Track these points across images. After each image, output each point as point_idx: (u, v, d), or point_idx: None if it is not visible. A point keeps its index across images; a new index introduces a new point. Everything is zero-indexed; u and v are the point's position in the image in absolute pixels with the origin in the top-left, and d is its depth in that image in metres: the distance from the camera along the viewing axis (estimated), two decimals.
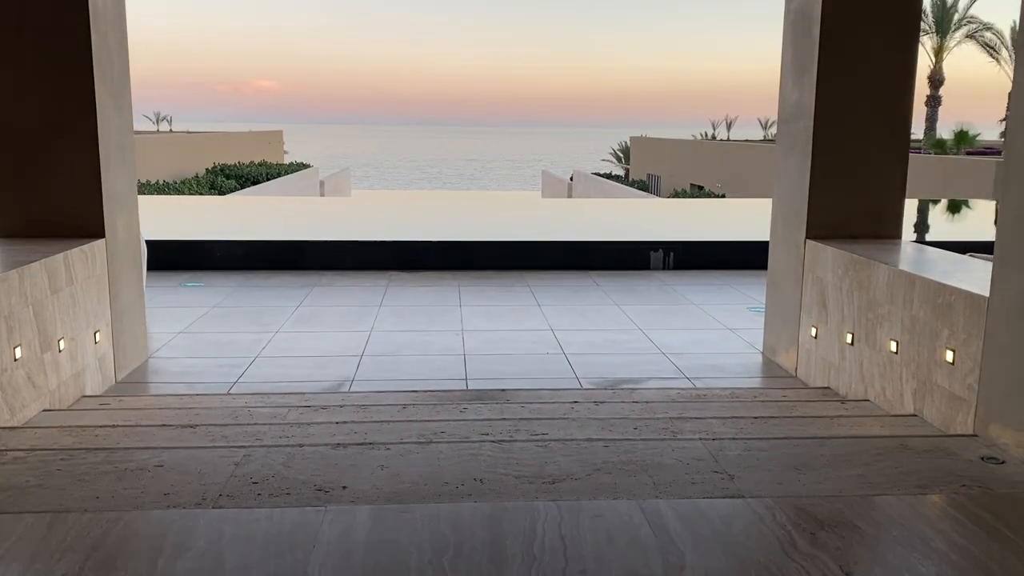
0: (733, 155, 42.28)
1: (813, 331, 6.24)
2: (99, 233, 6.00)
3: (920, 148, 33.61)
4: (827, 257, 6.02)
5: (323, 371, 6.56)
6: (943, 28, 32.95)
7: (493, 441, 4.12)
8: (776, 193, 6.99)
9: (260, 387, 6.14)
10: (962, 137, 32.22)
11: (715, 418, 4.75)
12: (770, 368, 6.86)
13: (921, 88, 33.26)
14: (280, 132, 64.06)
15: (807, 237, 6.36)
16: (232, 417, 4.88)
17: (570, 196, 53.73)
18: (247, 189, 38.16)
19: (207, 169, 43.18)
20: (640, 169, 52.71)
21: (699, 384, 6.34)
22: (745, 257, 11.41)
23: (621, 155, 63.30)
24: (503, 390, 5.75)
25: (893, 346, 5.11)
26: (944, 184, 25.05)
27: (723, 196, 36.57)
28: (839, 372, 5.85)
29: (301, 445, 4.08)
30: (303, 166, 54.66)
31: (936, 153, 30.40)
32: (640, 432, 4.42)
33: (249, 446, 4.08)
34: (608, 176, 52.66)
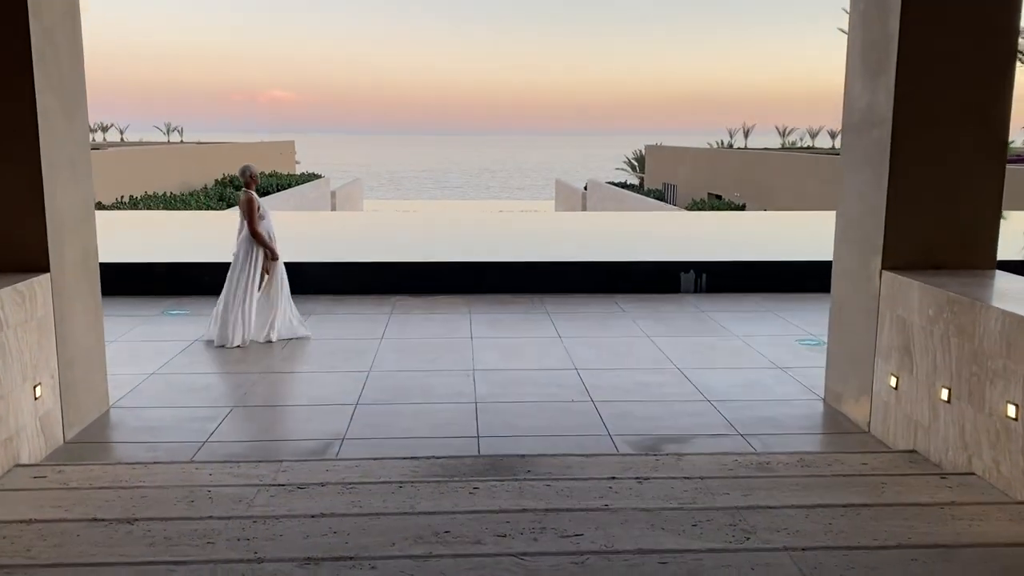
0: (752, 164, 41.14)
1: (892, 380, 5.21)
2: (42, 266, 5.05)
3: None
4: (912, 294, 4.99)
5: (309, 426, 5.58)
6: None
7: (512, 554, 3.13)
8: (841, 213, 5.97)
9: (232, 448, 5.16)
10: None
11: (794, 507, 3.74)
12: (835, 420, 5.83)
13: None
14: (292, 142, 63.38)
15: (883, 267, 5.34)
16: (186, 503, 3.90)
17: (584, 206, 52.70)
18: None
19: (216, 180, 42.41)
20: (655, 178, 51.63)
21: (755, 443, 5.32)
22: (786, 279, 10.38)
23: (635, 164, 62.18)
24: (522, 456, 4.75)
25: (1011, 411, 4.08)
26: None
27: (743, 206, 35.50)
28: (930, 434, 4.82)
29: (260, 560, 3.10)
30: (314, 176, 53.92)
31: None
32: (702, 532, 3.41)
33: (193, 561, 3.10)
34: (623, 185, 51.63)
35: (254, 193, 7.89)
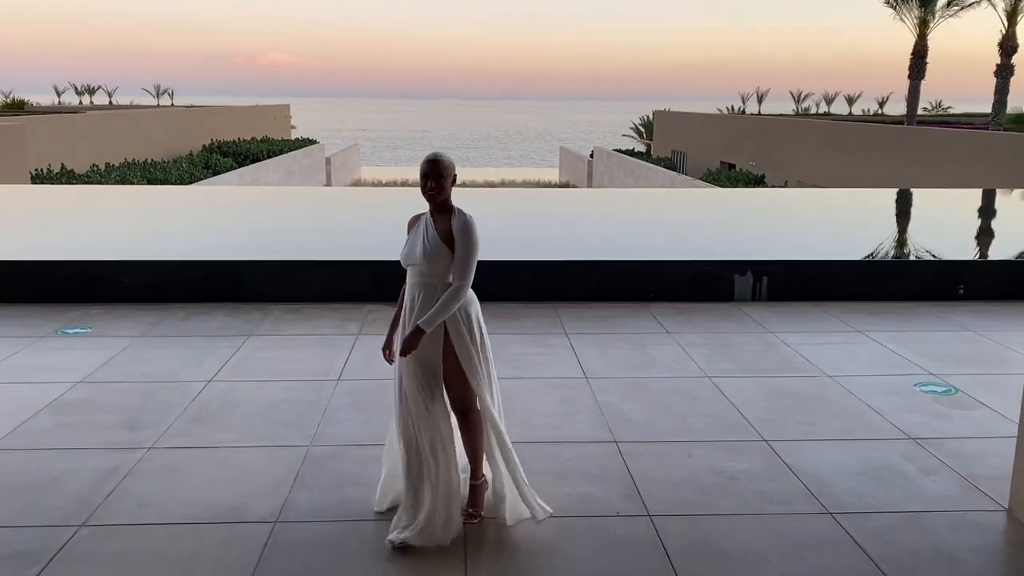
0: (770, 131, 38.39)
1: None
2: None
3: (988, 124, 29.84)
4: None
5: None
6: None
7: None
8: None
9: None
10: None
11: None
12: None
13: (991, 55, 29.42)
14: (287, 106, 60.44)
15: None
16: None
17: (591, 174, 50.17)
18: (242, 169, 34.95)
19: (204, 146, 39.88)
20: (664, 145, 48.88)
21: None
22: (870, 283, 8.15)
23: (643, 130, 59.36)
24: None
25: None
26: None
27: (763, 177, 33.08)
28: None
29: None
30: (309, 142, 51.37)
31: (1014, 129, 26.56)
32: None
33: None
34: (631, 153, 49.05)
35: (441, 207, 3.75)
